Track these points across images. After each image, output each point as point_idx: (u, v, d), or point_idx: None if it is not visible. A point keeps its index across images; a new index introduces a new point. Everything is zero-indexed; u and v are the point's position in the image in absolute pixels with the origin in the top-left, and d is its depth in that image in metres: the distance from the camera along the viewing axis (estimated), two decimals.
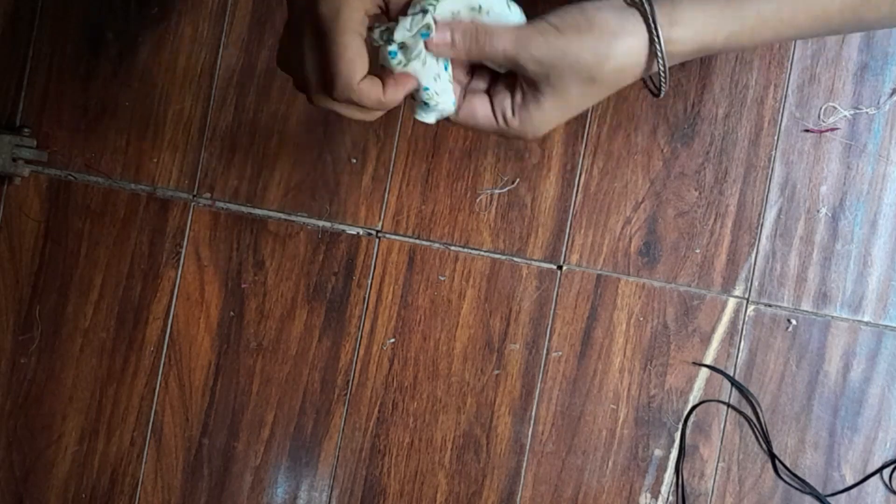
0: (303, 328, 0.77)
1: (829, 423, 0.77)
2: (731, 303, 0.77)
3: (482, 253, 0.77)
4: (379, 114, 0.50)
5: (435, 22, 0.47)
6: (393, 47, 0.47)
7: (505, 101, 0.48)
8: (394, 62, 0.48)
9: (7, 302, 0.77)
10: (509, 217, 0.77)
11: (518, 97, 0.48)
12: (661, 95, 0.49)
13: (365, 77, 0.46)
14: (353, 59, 0.45)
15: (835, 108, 0.77)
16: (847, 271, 0.77)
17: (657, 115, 0.77)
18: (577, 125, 0.76)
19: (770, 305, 0.77)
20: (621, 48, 0.46)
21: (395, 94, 0.47)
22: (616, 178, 0.77)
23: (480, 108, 0.49)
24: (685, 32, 0.46)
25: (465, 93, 0.50)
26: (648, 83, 0.50)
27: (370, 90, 0.46)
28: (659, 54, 0.46)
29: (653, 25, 0.45)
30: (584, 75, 0.46)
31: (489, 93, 0.50)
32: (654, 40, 0.46)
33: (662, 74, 0.47)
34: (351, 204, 0.77)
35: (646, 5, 0.46)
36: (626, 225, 0.77)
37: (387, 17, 0.48)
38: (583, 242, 0.77)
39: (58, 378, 0.77)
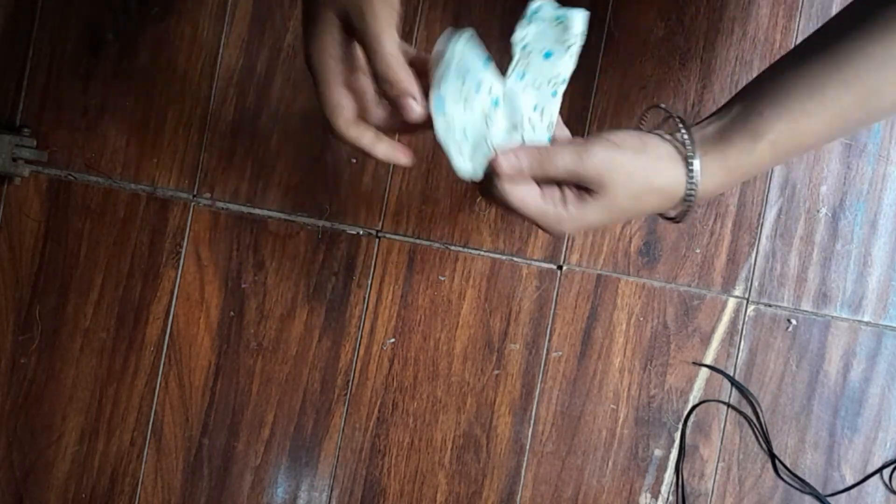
0: (303, 328, 0.77)
1: (829, 423, 0.77)
2: (731, 303, 0.77)
3: (482, 253, 0.77)
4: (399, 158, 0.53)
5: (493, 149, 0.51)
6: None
7: (555, 193, 0.51)
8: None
9: (7, 302, 0.77)
10: (509, 217, 0.77)
11: (567, 193, 0.51)
12: (681, 223, 0.53)
13: (353, 123, 0.50)
14: (336, 106, 0.49)
15: None
16: (847, 271, 0.77)
17: (657, 116, 0.77)
18: (577, 125, 0.77)
19: (770, 305, 0.77)
20: (667, 171, 0.51)
21: (382, 153, 0.52)
22: None
23: (530, 195, 0.51)
24: (711, 166, 0.51)
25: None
26: (675, 212, 0.54)
27: (358, 137, 0.51)
28: (691, 188, 0.51)
29: (691, 160, 0.51)
30: (635, 189, 0.50)
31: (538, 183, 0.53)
32: (689, 175, 0.51)
33: (691, 205, 0.52)
34: (351, 204, 0.77)
35: (688, 140, 0.51)
36: (626, 225, 0.77)
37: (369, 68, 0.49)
38: (583, 242, 0.77)
39: (58, 378, 0.77)
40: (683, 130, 0.51)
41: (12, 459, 0.77)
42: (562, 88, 0.52)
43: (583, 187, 0.51)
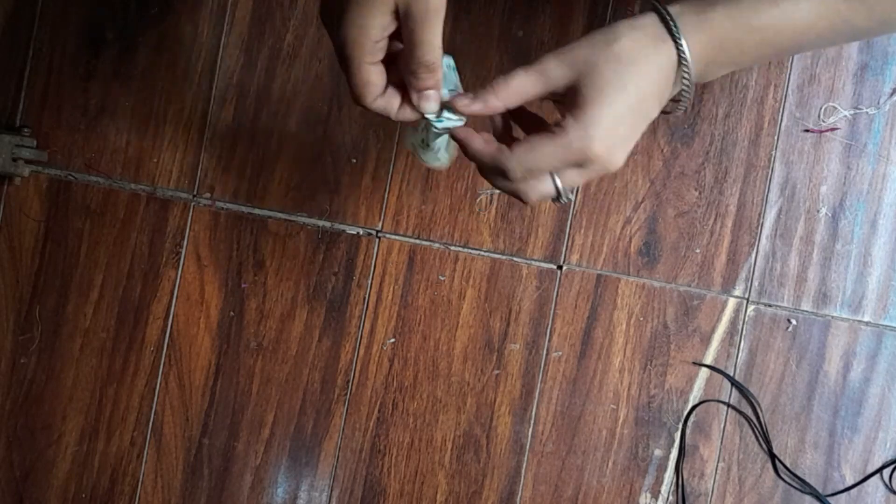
0: (303, 328, 0.77)
1: (829, 423, 0.77)
2: (731, 303, 0.77)
3: (482, 253, 0.77)
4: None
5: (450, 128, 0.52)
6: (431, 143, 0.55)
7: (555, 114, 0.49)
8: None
9: (7, 302, 0.77)
10: (509, 217, 0.77)
11: (565, 110, 0.48)
12: (681, 114, 0.50)
13: (381, 95, 0.49)
14: (367, 84, 0.48)
15: (835, 108, 0.77)
16: (847, 271, 0.77)
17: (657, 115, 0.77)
18: None
19: (770, 305, 0.77)
20: (651, 55, 0.47)
21: (408, 116, 0.51)
22: (616, 177, 0.77)
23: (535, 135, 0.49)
24: (697, 48, 0.48)
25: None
26: (668, 104, 0.51)
27: (386, 107, 0.50)
28: (684, 66, 0.47)
29: (677, 42, 0.47)
30: (616, 78, 0.47)
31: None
32: (680, 56, 0.47)
33: (686, 93, 0.48)
34: (351, 204, 0.77)
35: (668, 20, 0.47)
36: (626, 225, 0.77)
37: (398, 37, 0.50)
38: (583, 242, 0.77)
39: (58, 378, 0.77)
40: (669, 17, 0.48)
41: (12, 459, 0.77)
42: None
43: (567, 94, 0.48)
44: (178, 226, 0.77)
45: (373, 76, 0.48)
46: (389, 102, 0.50)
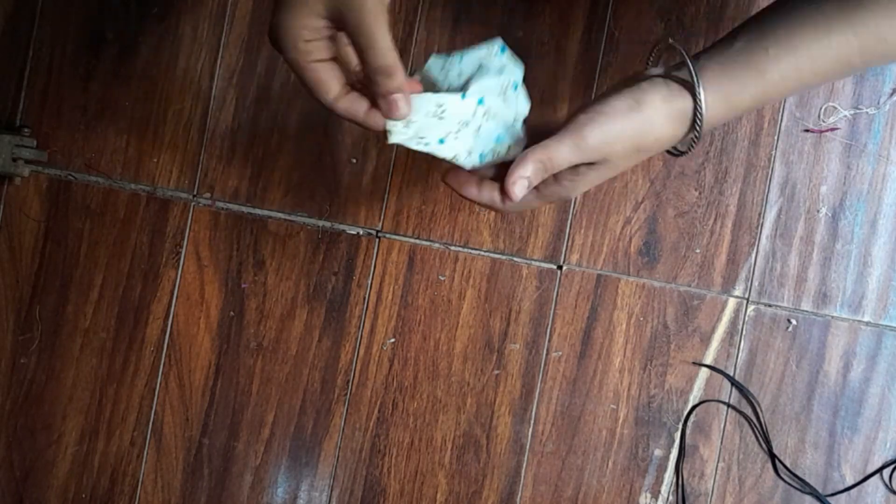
0: (303, 328, 0.77)
1: (829, 423, 0.77)
2: (731, 303, 0.77)
3: (482, 253, 0.77)
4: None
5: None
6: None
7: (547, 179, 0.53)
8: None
9: (7, 302, 0.77)
10: (509, 217, 0.77)
11: (560, 173, 0.53)
12: (687, 153, 0.54)
13: (344, 96, 0.49)
14: (317, 82, 0.48)
15: (835, 107, 0.77)
16: (847, 271, 0.77)
17: None
18: None
19: (770, 305, 0.77)
20: (662, 120, 0.51)
21: (376, 123, 0.50)
22: (616, 177, 0.77)
23: (529, 195, 0.53)
24: (714, 98, 0.51)
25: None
26: (681, 145, 0.55)
27: (349, 109, 0.49)
28: (699, 119, 0.51)
29: (698, 93, 0.51)
30: (631, 147, 0.51)
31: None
32: (697, 109, 0.51)
33: (696, 138, 0.53)
34: (351, 204, 0.77)
35: (693, 75, 0.51)
36: (626, 225, 0.77)
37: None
38: (583, 242, 0.77)
39: (58, 378, 0.77)
40: (691, 65, 0.51)
41: (12, 459, 0.77)
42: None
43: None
44: (178, 226, 0.77)
45: (320, 73, 0.48)
46: (353, 105, 0.49)
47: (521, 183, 0.51)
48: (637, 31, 0.77)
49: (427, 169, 0.77)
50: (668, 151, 0.56)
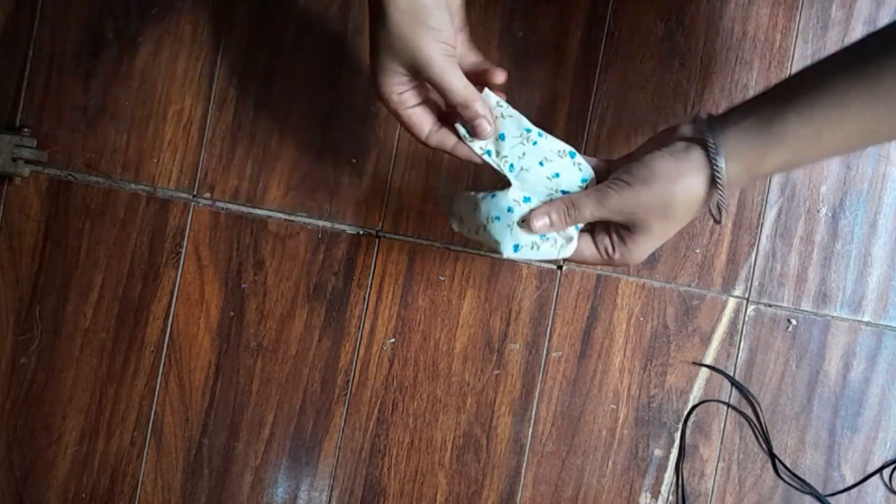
0: (303, 328, 0.77)
1: (829, 423, 0.77)
2: (731, 303, 0.77)
3: (482, 253, 0.77)
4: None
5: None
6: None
7: (605, 240, 0.58)
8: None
9: (7, 302, 0.77)
10: None
11: (615, 236, 0.57)
12: (722, 222, 0.56)
13: (436, 132, 0.59)
14: (413, 125, 0.58)
15: None
16: (847, 271, 0.77)
17: (657, 116, 0.77)
18: (577, 126, 0.76)
19: (770, 305, 0.77)
20: (682, 189, 0.53)
21: (465, 154, 0.59)
22: None
23: (587, 248, 0.58)
24: (736, 168, 0.53)
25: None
26: (713, 210, 0.56)
27: (440, 142, 0.59)
28: (719, 188, 0.53)
29: (714, 164, 0.53)
30: (660, 214, 0.54)
31: (591, 233, 0.59)
32: (716, 178, 0.53)
33: (722, 204, 0.54)
34: (351, 204, 0.77)
35: (709, 144, 0.53)
36: None
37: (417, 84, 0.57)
38: None
39: (58, 378, 0.77)
40: (711, 141, 0.53)
41: (12, 459, 0.77)
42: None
43: (621, 225, 0.56)
44: (178, 226, 0.77)
45: (414, 118, 0.58)
46: (443, 139, 0.59)
47: (542, 219, 0.57)
48: (637, 32, 0.77)
49: (427, 169, 0.77)
50: (711, 216, 0.58)
